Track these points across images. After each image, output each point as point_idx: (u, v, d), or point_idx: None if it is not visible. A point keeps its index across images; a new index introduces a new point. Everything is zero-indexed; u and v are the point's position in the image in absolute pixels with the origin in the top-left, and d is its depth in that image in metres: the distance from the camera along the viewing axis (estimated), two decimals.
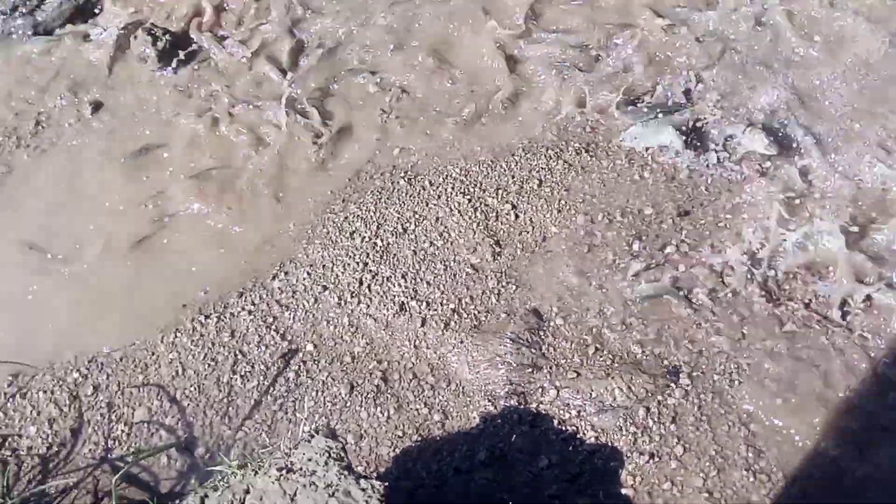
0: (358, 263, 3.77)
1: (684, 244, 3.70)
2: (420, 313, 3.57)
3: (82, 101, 4.65)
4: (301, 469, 2.42)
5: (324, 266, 3.79)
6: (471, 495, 3.02)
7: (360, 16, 4.90)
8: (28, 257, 3.98)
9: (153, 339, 3.64)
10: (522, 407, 3.24)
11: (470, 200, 3.93)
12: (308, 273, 3.78)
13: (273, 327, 3.62)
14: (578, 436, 3.14)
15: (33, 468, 3.32)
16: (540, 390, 3.27)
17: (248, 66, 4.73)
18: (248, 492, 2.40)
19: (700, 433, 3.10)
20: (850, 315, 3.41)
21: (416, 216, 3.91)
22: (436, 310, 3.58)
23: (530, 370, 3.31)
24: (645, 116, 4.12)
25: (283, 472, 2.41)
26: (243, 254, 3.94)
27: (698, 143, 4.06)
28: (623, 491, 3.00)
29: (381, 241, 3.84)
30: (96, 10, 5.13)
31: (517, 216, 3.86)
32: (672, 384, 3.22)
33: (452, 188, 4.00)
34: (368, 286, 3.68)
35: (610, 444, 3.11)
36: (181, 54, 4.77)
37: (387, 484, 2.40)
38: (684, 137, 4.03)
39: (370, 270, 3.74)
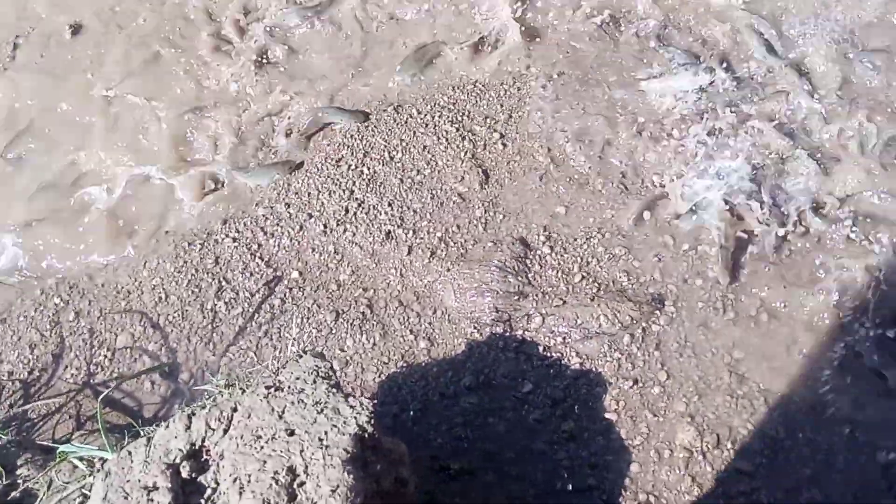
0: (344, 191, 3.71)
1: None
2: (406, 241, 3.54)
3: None
4: (289, 387, 2.41)
5: (309, 194, 3.74)
6: (455, 419, 3.05)
7: None
8: None
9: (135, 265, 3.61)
10: (508, 334, 3.25)
11: (458, 129, 3.87)
12: (293, 201, 3.73)
13: (258, 255, 3.58)
14: (563, 362, 3.16)
15: (14, 393, 3.30)
16: (526, 317, 3.27)
17: None
18: (235, 409, 2.38)
19: (683, 359, 3.13)
20: None
21: (404, 144, 3.85)
22: (422, 238, 3.55)
23: (516, 297, 3.31)
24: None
25: (272, 390, 2.39)
26: None
27: None
28: (606, 416, 3.03)
29: (368, 168, 3.78)
30: None
31: (505, 145, 3.81)
32: (657, 311, 3.23)
33: (440, 116, 3.93)
34: (354, 214, 3.64)
35: (594, 369, 3.13)
36: None
37: (375, 401, 2.39)
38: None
39: (356, 198, 3.69)
